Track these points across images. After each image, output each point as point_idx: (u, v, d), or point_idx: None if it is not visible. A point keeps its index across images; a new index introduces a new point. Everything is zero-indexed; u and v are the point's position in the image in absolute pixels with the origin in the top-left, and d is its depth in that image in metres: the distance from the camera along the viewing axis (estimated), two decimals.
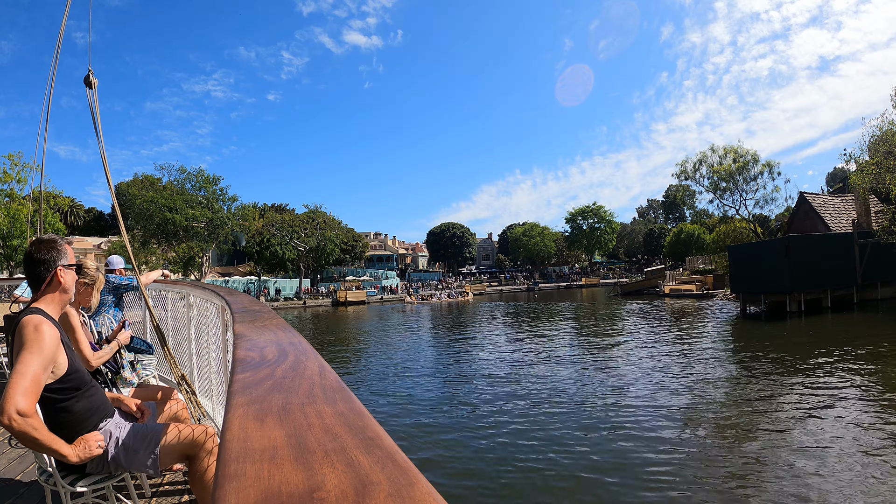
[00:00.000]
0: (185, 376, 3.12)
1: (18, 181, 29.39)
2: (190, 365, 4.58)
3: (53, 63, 3.46)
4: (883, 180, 21.37)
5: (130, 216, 39.08)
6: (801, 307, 21.38)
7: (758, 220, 40.65)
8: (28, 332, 1.78)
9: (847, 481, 5.46)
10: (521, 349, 16.31)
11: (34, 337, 1.78)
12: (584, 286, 64.47)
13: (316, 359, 1.01)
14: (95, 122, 3.02)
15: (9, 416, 1.60)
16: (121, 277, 4.39)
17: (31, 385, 1.70)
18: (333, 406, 0.71)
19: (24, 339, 1.78)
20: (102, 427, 2.04)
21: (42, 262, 1.98)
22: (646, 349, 14.81)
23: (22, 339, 1.78)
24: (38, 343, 1.76)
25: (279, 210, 71.35)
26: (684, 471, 6.01)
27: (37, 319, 1.83)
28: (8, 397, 1.62)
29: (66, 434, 1.94)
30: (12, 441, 3.66)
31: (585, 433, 7.51)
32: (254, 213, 51.27)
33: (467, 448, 7.24)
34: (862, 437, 6.71)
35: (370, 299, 52.15)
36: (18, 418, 1.62)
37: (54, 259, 2.00)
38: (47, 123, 3.78)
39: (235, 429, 0.63)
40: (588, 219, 73.24)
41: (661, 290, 40.49)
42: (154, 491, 2.78)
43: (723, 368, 11.73)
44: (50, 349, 1.81)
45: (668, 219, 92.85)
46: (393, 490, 0.46)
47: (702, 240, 57.57)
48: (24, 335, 1.78)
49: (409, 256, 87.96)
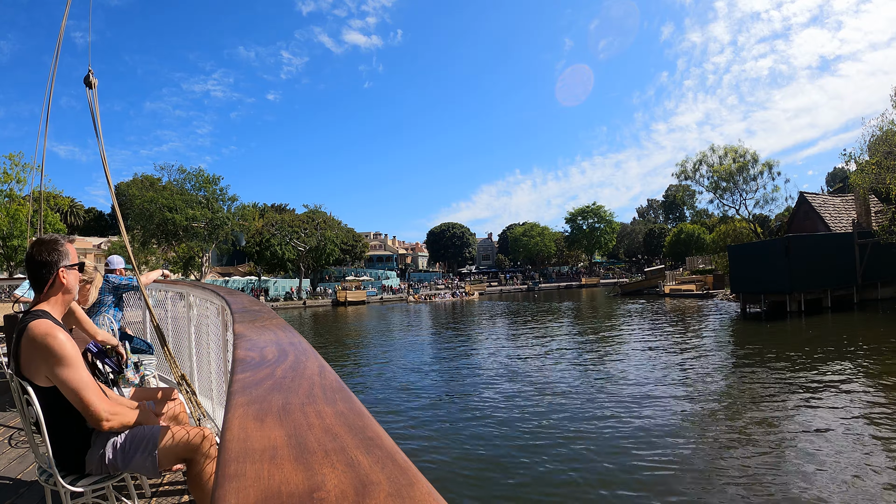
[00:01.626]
0: (185, 376, 3.12)
1: (18, 181, 29.40)
2: (190, 365, 4.58)
3: (53, 63, 3.46)
4: (883, 180, 21.37)
5: (130, 216, 39.06)
6: (802, 307, 21.37)
7: (758, 220, 40.63)
8: (51, 344, 1.81)
9: (847, 481, 5.46)
10: (521, 349, 16.31)
11: (59, 348, 1.82)
12: (584, 286, 64.47)
13: (316, 359, 1.01)
14: (95, 123, 3.02)
15: (107, 422, 1.89)
16: (121, 277, 4.39)
17: (94, 387, 1.89)
18: (333, 406, 0.71)
19: (51, 352, 1.81)
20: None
21: (44, 263, 1.97)
22: (646, 349, 14.81)
23: (49, 352, 1.81)
24: (64, 353, 1.83)
25: (279, 210, 71.32)
26: (683, 470, 6.01)
27: (46, 326, 1.83)
28: (92, 411, 1.85)
29: (65, 434, 1.94)
30: (12, 441, 3.67)
31: (585, 432, 7.51)
32: (254, 213, 51.24)
33: (468, 447, 7.24)
34: (862, 437, 6.71)
35: (370, 299, 52.17)
36: (113, 418, 1.90)
37: (56, 261, 1.99)
38: (47, 123, 3.78)
39: (235, 429, 0.63)
40: (588, 219, 73.20)
41: (661, 290, 40.49)
42: (154, 491, 2.78)
43: (723, 368, 11.73)
44: (74, 349, 1.88)
45: (668, 219, 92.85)
46: (393, 490, 0.46)
47: (702, 240, 57.55)
48: (50, 347, 1.81)
49: (409, 256, 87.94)
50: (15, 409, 3.99)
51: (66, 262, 2.03)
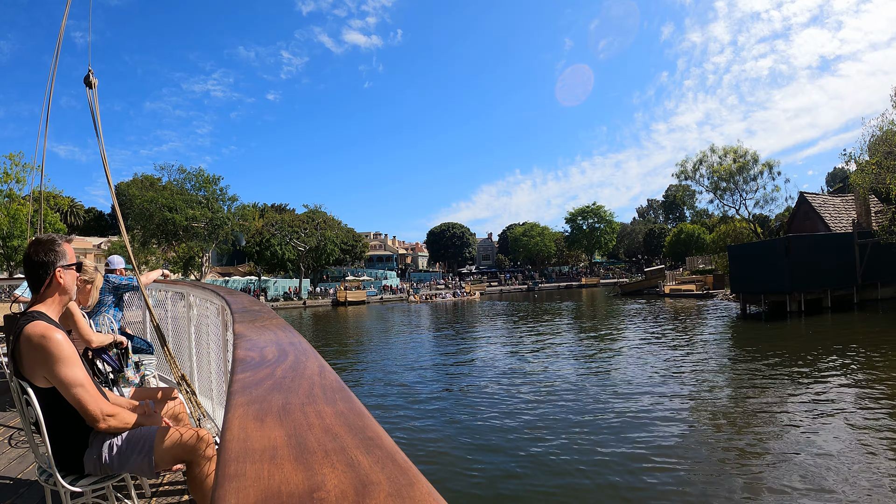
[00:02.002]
0: (185, 376, 3.12)
1: (18, 181, 29.40)
2: (190, 365, 4.58)
3: (53, 63, 3.46)
4: (883, 180, 21.37)
5: (130, 216, 39.07)
6: (802, 307, 21.37)
7: (758, 220, 40.61)
8: (47, 346, 1.81)
9: (847, 481, 5.46)
10: (521, 348, 16.31)
11: (55, 349, 1.82)
12: (584, 286, 64.46)
13: (316, 358, 1.01)
14: (95, 123, 3.02)
15: (104, 422, 1.90)
16: (121, 277, 4.39)
17: (91, 387, 1.90)
18: (333, 406, 0.71)
19: (47, 353, 1.81)
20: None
21: (40, 264, 1.97)
22: (646, 349, 14.81)
23: (45, 353, 1.81)
24: (60, 353, 1.83)
25: (279, 210, 71.34)
26: (683, 470, 6.01)
27: (42, 328, 1.83)
28: (89, 411, 1.87)
29: (63, 433, 1.94)
30: (12, 441, 3.67)
31: (585, 433, 7.51)
32: (254, 213, 51.30)
33: (469, 447, 7.23)
34: (862, 437, 6.71)
35: (370, 299, 52.21)
36: (110, 419, 1.92)
37: (52, 261, 1.99)
38: (47, 123, 3.78)
39: (235, 429, 0.63)
40: (588, 219, 73.22)
41: (661, 290, 40.49)
42: (154, 491, 2.78)
43: (723, 368, 11.73)
44: (71, 349, 1.88)
45: (668, 219, 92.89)
46: (393, 490, 0.46)
47: (702, 240, 57.56)
48: (46, 348, 1.81)
49: (409, 256, 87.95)
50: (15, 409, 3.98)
51: (64, 262, 2.03)
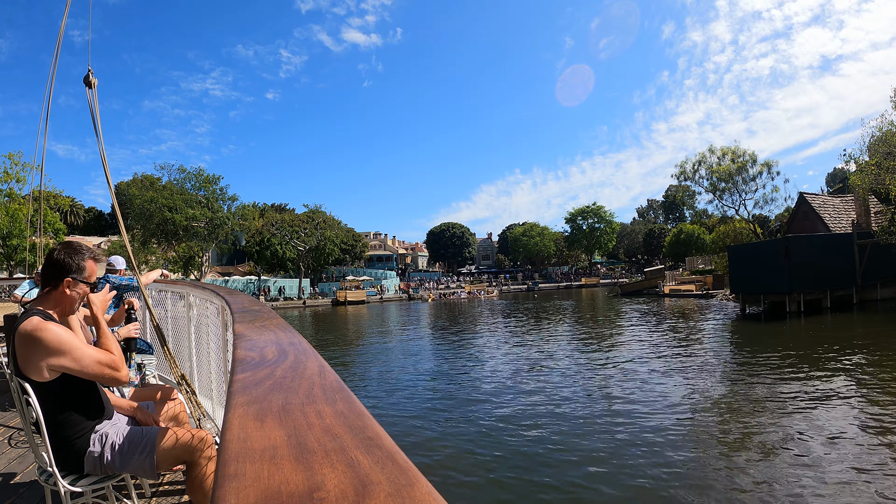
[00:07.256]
0: (185, 376, 3.12)
1: (18, 181, 29.38)
2: (190, 365, 4.58)
3: (53, 62, 3.47)
4: (883, 181, 21.37)
5: (130, 216, 39.04)
6: (801, 307, 21.38)
7: (757, 220, 40.63)
8: (42, 337, 1.80)
9: (847, 481, 5.46)
10: (521, 348, 16.31)
11: (51, 338, 1.80)
12: (584, 286, 64.48)
13: (316, 358, 1.01)
14: (95, 122, 3.02)
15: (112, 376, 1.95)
16: (121, 277, 4.40)
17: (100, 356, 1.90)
18: (333, 406, 0.71)
19: (44, 344, 1.80)
20: (99, 429, 2.03)
21: (55, 264, 1.96)
22: (645, 349, 14.81)
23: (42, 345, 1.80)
24: (59, 341, 1.81)
25: (279, 210, 71.33)
26: (683, 470, 6.01)
27: (35, 322, 1.82)
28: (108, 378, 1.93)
29: (63, 433, 1.94)
30: (12, 441, 3.67)
31: (586, 433, 7.50)
32: (254, 213, 51.27)
33: (469, 447, 7.23)
34: (862, 437, 6.71)
35: (370, 299, 52.25)
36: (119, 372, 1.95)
37: (67, 268, 1.97)
38: (47, 122, 3.78)
39: (235, 429, 0.63)
40: (588, 219, 73.23)
41: (660, 290, 40.49)
42: (154, 491, 2.77)
43: (722, 368, 11.73)
44: (68, 334, 1.86)
45: (668, 219, 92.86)
46: (393, 490, 0.46)
47: (702, 240, 57.57)
48: (41, 340, 1.79)
49: (408, 256, 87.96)
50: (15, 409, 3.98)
51: (79, 276, 2.00)
